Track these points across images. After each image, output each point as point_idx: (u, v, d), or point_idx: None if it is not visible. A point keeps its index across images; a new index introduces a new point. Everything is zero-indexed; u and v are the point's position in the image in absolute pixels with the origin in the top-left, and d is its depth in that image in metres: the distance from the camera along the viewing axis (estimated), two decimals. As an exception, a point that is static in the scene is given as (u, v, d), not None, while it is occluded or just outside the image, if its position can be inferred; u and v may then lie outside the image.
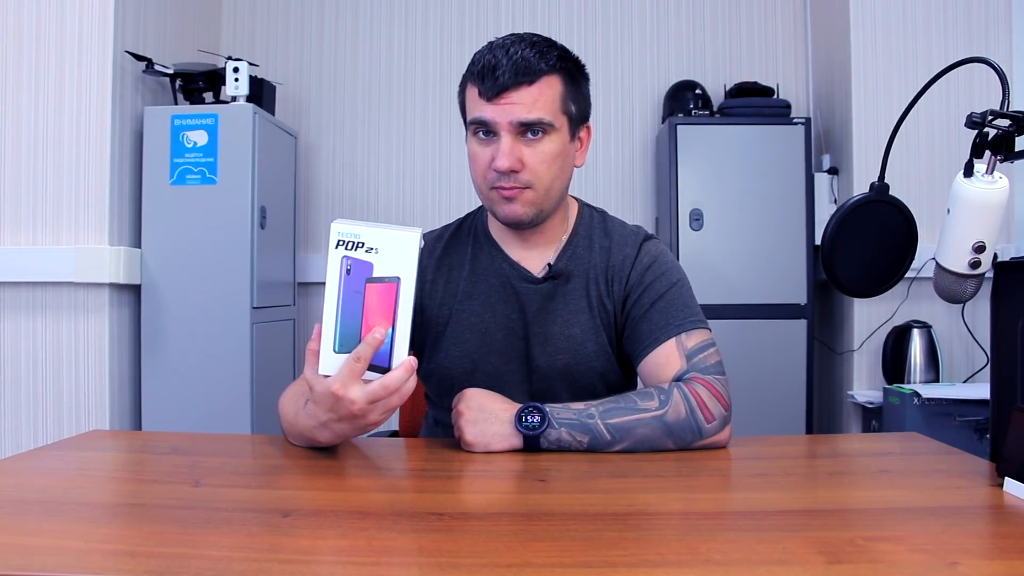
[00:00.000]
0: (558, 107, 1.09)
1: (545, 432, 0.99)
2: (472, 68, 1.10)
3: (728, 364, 1.13)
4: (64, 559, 0.63)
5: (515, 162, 1.06)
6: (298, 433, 1.02)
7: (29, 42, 2.31)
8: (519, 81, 1.05)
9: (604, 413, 1.01)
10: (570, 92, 1.11)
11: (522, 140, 1.07)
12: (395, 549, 0.66)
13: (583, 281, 1.17)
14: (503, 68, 1.04)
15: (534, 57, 1.06)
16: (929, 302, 2.61)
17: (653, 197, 3.18)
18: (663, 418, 1.01)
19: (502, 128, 1.06)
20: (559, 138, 1.09)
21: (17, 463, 0.96)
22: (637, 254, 1.18)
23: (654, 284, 1.15)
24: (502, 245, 1.20)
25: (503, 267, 1.19)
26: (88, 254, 2.27)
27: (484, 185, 1.11)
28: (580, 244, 1.20)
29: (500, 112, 1.06)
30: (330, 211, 3.20)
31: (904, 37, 2.74)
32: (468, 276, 1.20)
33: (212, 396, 2.41)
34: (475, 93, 1.08)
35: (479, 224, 1.24)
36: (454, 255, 1.22)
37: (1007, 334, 0.90)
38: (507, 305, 1.17)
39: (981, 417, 2.21)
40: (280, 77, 3.10)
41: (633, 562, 0.62)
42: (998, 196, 0.90)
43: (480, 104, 1.07)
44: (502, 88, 1.05)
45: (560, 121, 1.09)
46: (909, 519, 0.74)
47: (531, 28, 3.18)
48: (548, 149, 1.08)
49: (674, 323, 1.12)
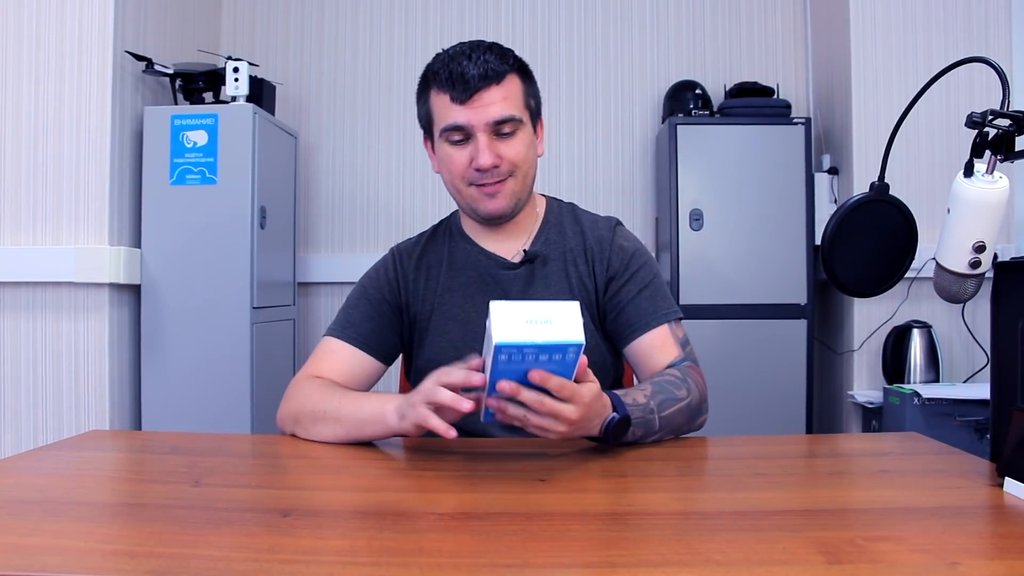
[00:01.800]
0: (522, 103, 1.17)
1: (624, 436, 1.00)
2: (436, 77, 1.15)
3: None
4: (64, 559, 0.63)
5: (495, 158, 1.13)
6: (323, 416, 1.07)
7: (29, 42, 2.31)
8: (488, 82, 1.12)
9: (660, 406, 1.04)
10: (528, 89, 1.19)
11: (496, 139, 1.14)
12: (395, 549, 0.66)
13: (561, 264, 1.24)
14: (471, 73, 1.11)
15: (495, 60, 1.13)
16: (929, 302, 2.61)
17: (653, 197, 3.17)
18: (690, 405, 1.09)
19: (478, 129, 1.12)
20: (526, 130, 1.17)
21: (17, 463, 0.96)
22: (613, 236, 1.25)
23: (640, 272, 1.23)
24: (476, 240, 1.26)
25: (479, 259, 1.25)
26: (88, 254, 2.27)
27: (463, 184, 1.17)
28: (552, 231, 1.26)
29: (475, 114, 1.12)
30: (330, 211, 3.20)
31: (904, 37, 2.74)
32: (447, 271, 1.25)
33: (212, 396, 2.41)
34: (445, 100, 1.14)
35: (452, 225, 1.30)
36: (432, 255, 1.28)
37: (1007, 334, 0.90)
38: (487, 294, 1.21)
39: (981, 417, 2.21)
40: (280, 77, 3.10)
41: (633, 562, 0.62)
42: (998, 196, 0.90)
43: (453, 109, 1.13)
44: (474, 90, 1.11)
45: (525, 116, 1.17)
46: (909, 519, 0.74)
47: (531, 29, 3.19)
48: (520, 141, 1.16)
49: (662, 311, 1.20)
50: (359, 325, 1.21)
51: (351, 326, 1.22)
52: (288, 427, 1.14)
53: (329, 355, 1.20)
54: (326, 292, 3.16)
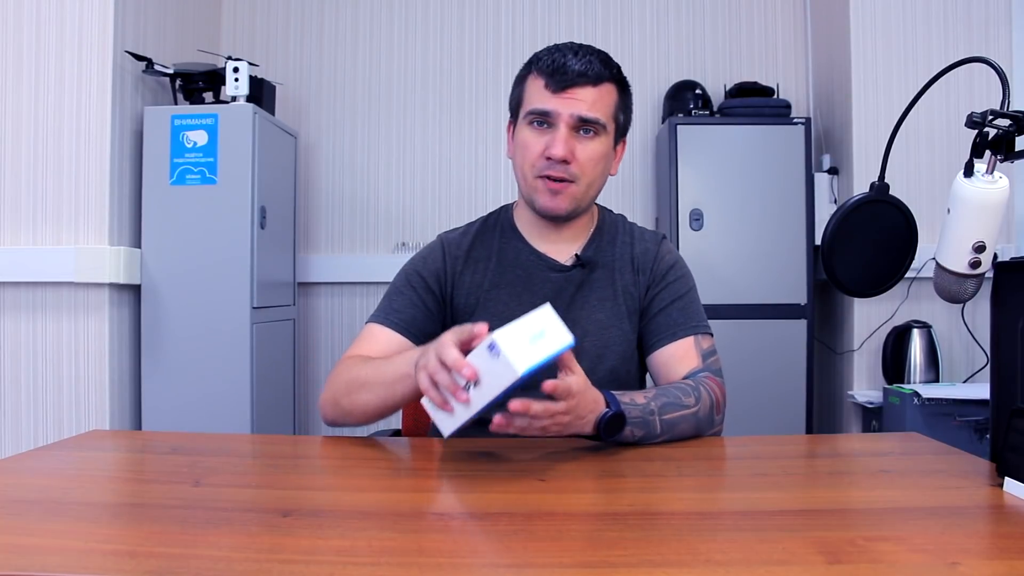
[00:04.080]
0: (612, 113, 1.18)
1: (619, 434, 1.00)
2: (538, 63, 1.17)
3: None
4: (64, 559, 0.63)
5: (568, 152, 1.14)
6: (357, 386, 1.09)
7: (29, 42, 2.31)
8: (585, 80, 1.13)
9: (661, 409, 1.04)
10: (622, 103, 1.21)
11: (575, 136, 1.15)
12: (395, 549, 0.66)
13: (609, 271, 1.25)
14: (572, 66, 1.13)
15: (600, 64, 1.15)
16: (929, 302, 2.61)
17: (653, 197, 3.17)
18: (697, 414, 1.08)
19: (562, 120, 1.14)
20: (606, 141, 1.18)
21: (17, 463, 0.96)
22: (658, 250, 1.27)
23: (675, 284, 1.25)
24: (528, 239, 1.26)
25: (530, 259, 1.25)
26: (88, 254, 2.27)
27: (531, 172, 1.18)
28: (604, 239, 1.28)
29: (564, 104, 1.13)
30: (330, 211, 3.20)
31: (904, 37, 2.74)
32: (495, 268, 1.25)
33: (212, 396, 2.41)
34: (540, 85, 1.16)
35: (504, 220, 1.30)
36: (480, 249, 1.27)
37: (1007, 334, 0.90)
38: (534, 295, 1.21)
39: (981, 417, 2.21)
40: (280, 77, 3.10)
41: (633, 562, 0.62)
42: (998, 196, 0.90)
43: (544, 95, 1.15)
44: (569, 83, 1.13)
45: (611, 126, 1.18)
46: (909, 519, 0.74)
47: (531, 28, 3.19)
48: (597, 148, 1.16)
49: (691, 323, 1.21)
50: (402, 311, 1.21)
51: (394, 312, 1.21)
52: (329, 411, 1.14)
53: (371, 339, 1.20)
54: (326, 292, 3.16)
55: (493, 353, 0.83)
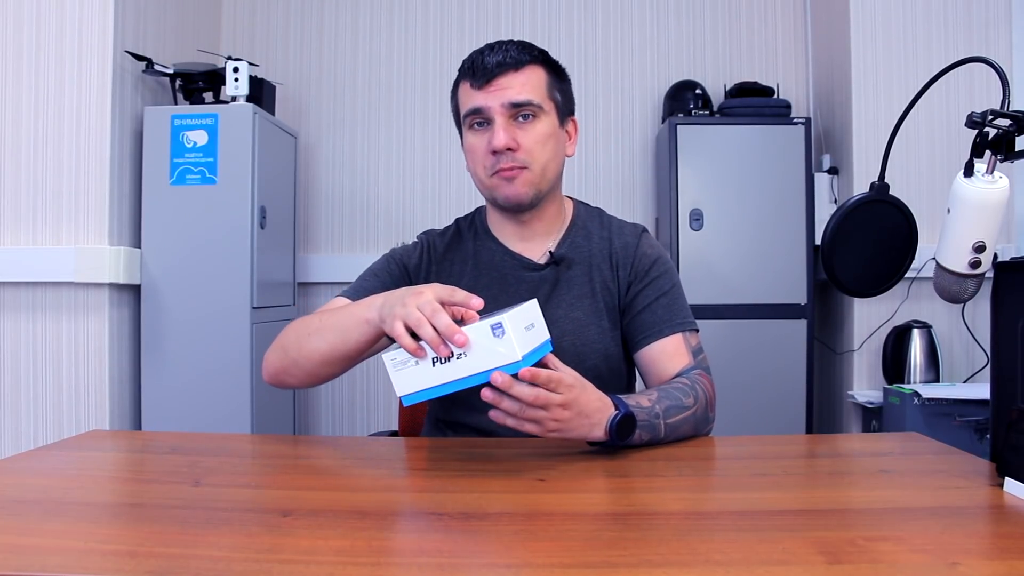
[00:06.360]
0: (544, 92, 1.17)
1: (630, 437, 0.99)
2: (461, 69, 1.19)
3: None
4: (64, 559, 0.63)
5: (510, 140, 1.13)
6: (307, 334, 1.06)
7: (29, 42, 2.31)
8: (506, 68, 1.14)
9: (666, 412, 1.04)
10: (554, 82, 1.20)
11: (515, 124, 1.15)
12: (395, 549, 0.66)
13: (585, 268, 1.23)
14: (490, 60, 1.14)
15: (517, 49, 1.16)
16: (929, 302, 2.61)
17: (653, 197, 3.17)
18: (696, 414, 1.08)
19: (495, 112, 1.14)
20: (549, 121, 1.17)
21: (17, 463, 0.96)
22: (638, 243, 1.25)
23: (659, 280, 1.22)
24: (501, 239, 1.26)
25: (504, 259, 1.24)
26: (88, 254, 2.27)
27: (484, 174, 1.17)
28: (578, 235, 1.26)
29: (492, 97, 1.14)
30: (330, 211, 3.20)
31: (904, 37, 2.74)
32: (471, 271, 1.25)
33: (212, 396, 2.41)
34: (467, 87, 1.17)
35: (478, 222, 1.29)
36: (456, 252, 1.27)
37: (1007, 334, 0.90)
38: (510, 296, 1.20)
39: (981, 417, 2.21)
40: (280, 77, 3.10)
41: (633, 562, 0.62)
42: (998, 196, 0.90)
43: (473, 94, 1.15)
44: (491, 75, 1.14)
45: (548, 106, 1.17)
46: (909, 519, 0.74)
47: (531, 28, 3.19)
48: (540, 130, 1.16)
49: (678, 320, 1.20)
50: (373, 292, 1.17)
51: (364, 292, 1.18)
52: (274, 360, 1.12)
53: (330, 307, 1.16)
54: (326, 292, 3.16)
55: (497, 333, 0.83)
